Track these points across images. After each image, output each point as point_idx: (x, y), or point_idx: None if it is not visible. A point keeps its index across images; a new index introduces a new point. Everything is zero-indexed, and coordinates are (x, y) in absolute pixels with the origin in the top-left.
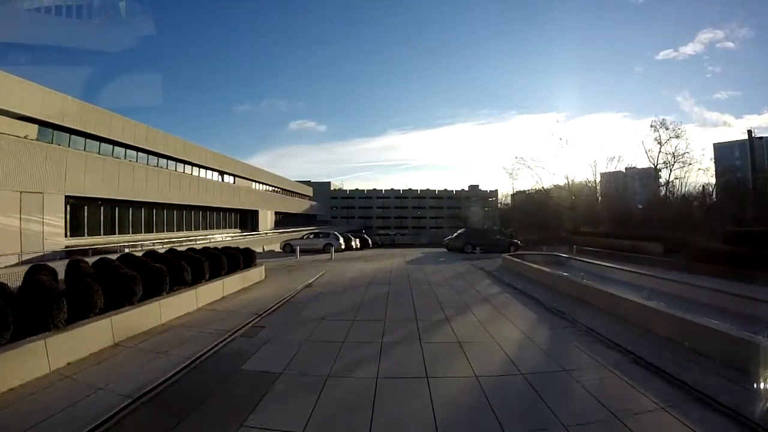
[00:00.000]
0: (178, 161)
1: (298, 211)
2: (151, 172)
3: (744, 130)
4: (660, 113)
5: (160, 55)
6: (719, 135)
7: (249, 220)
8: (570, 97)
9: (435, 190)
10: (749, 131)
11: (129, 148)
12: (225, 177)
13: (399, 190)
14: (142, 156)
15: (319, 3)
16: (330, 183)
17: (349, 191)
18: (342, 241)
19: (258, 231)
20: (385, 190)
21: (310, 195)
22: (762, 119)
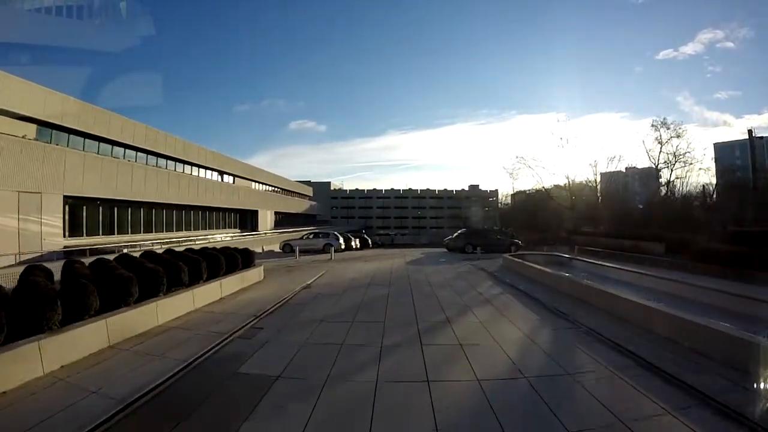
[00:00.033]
0: (177, 161)
1: (297, 211)
2: (150, 171)
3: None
4: (660, 113)
5: (160, 55)
6: (719, 135)
7: (249, 220)
8: (570, 97)
9: (435, 190)
10: (750, 131)
11: (128, 147)
12: (224, 177)
13: (399, 190)
14: (141, 156)
15: (319, 3)
16: (330, 183)
17: (349, 191)
18: (342, 242)
19: (258, 231)
20: (385, 190)
21: (310, 195)
22: (762, 119)
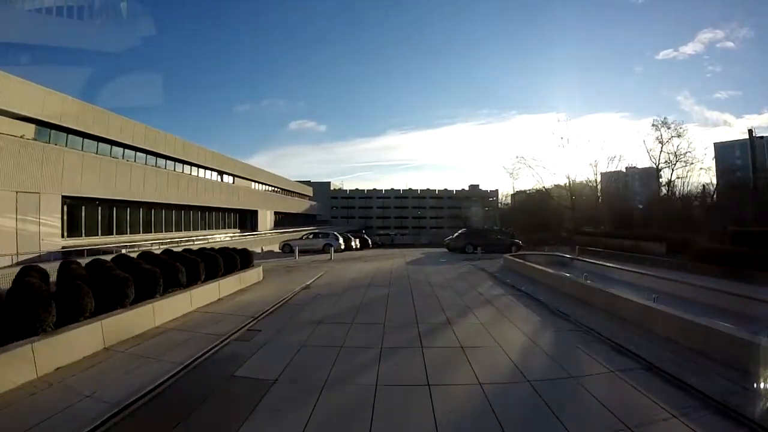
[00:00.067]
0: (176, 161)
1: (297, 211)
2: (150, 171)
3: (744, 129)
4: (660, 113)
5: (160, 55)
6: (720, 134)
7: (248, 220)
8: (570, 97)
9: (435, 190)
10: (750, 130)
11: (127, 147)
12: (224, 177)
13: (399, 190)
14: (140, 156)
15: (319, 3)
16: (330, 183)
17: (349, 191)
18: (341, 242)
19: (257, 231)
20: (385, 190)
21: (310, 195)
22: (762, 119)
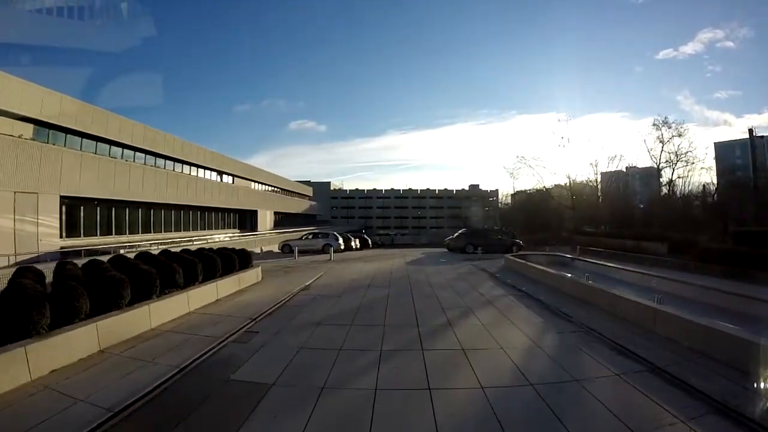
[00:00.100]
0: (176, 161)
1: (297, 211)
2: (149, 171)
3: (744, 129)
4: (660, 113)
5: (160, 56)
6: (720, 134)
7: (248, 220)
8: (570, 97)
9: (435, 190)
10: (750, 130)
11: (126, 147)
12: (224, 177)
13: (399, 190)
14: (139, 156)
15: (319, 3)
16: (330, 183)
17: (349, 191)
18: (341, 242)
19: (257, 231)
20: (385, 190)
21: (309, 195)
22: (762, 118)
